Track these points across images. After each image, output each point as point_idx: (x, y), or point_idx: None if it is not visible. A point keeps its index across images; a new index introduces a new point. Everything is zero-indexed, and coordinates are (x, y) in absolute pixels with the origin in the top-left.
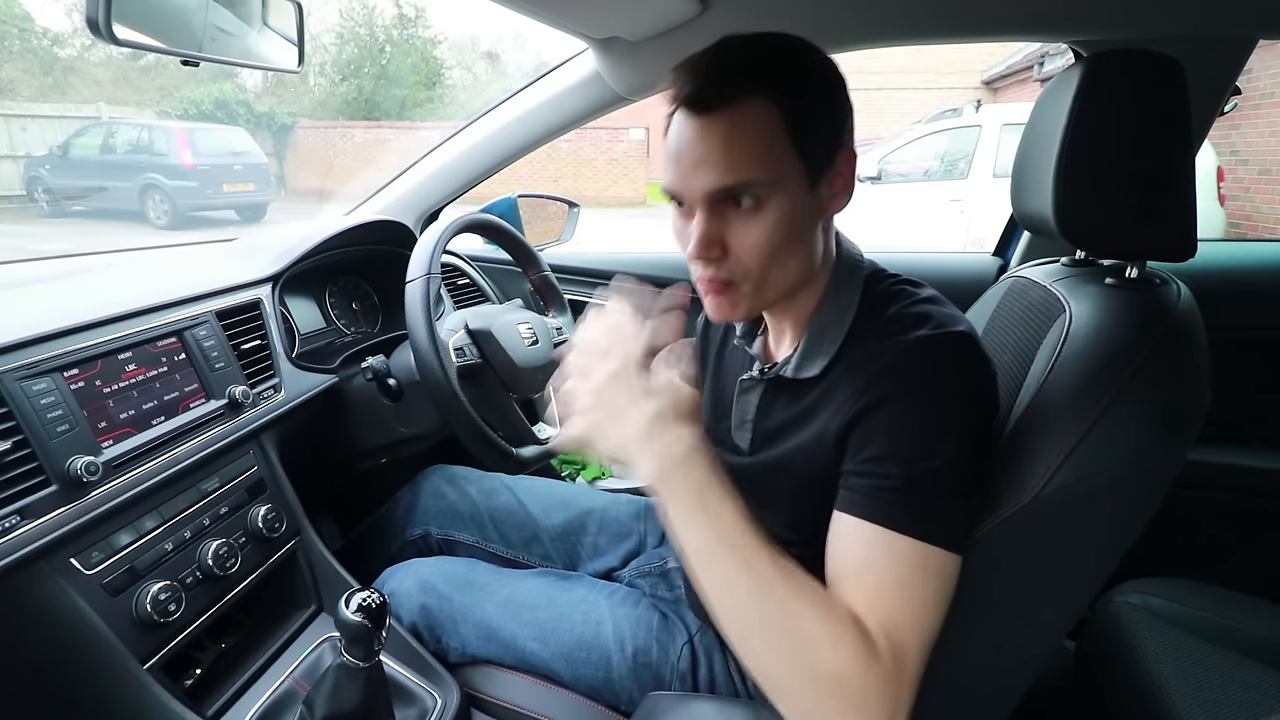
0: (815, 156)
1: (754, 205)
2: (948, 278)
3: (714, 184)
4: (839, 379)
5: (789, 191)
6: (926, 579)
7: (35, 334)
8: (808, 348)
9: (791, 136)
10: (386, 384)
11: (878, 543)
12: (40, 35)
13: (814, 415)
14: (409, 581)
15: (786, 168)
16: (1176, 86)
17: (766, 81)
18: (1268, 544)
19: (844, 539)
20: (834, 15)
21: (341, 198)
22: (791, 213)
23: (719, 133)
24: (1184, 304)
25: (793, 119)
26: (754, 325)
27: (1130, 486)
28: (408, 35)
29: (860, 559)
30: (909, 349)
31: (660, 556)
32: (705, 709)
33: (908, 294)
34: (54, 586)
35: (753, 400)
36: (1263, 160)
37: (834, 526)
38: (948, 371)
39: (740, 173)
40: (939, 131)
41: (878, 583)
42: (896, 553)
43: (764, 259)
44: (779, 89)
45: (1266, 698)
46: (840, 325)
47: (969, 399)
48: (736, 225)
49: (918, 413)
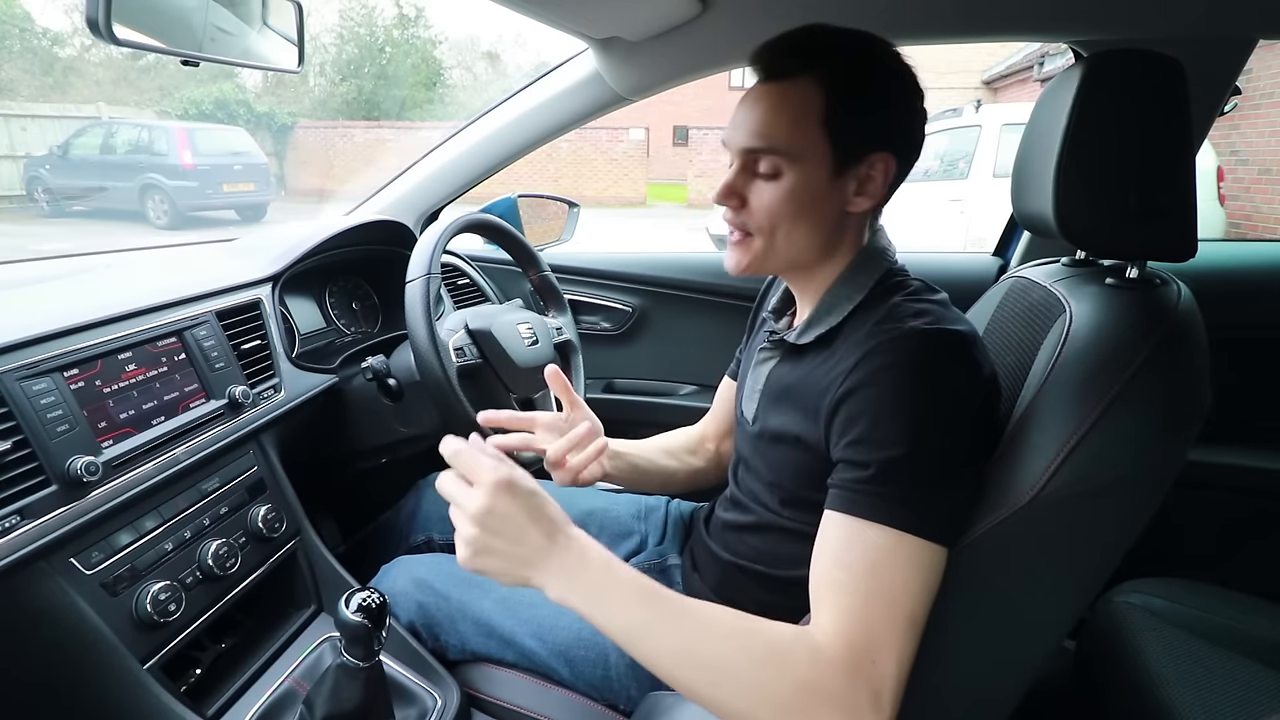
0: (844, 147)
1: (771, 171)
2: (948, 278)
3: (743, 143)
4: (835, 353)
5: (808, 170)
6: (896, 566)
7: (35, 334)
8: (813, 317)
9: (826, 121)
10: (386, 384)
11: (850, 534)
12: (40, 35)
13: (810, 382)
14: (404, 580)
15: (813, 148)
16: (1176, 86)
17: (822, 67)
18: (1267, 544)
19: (824, 535)
20: (833, 16)
21: (341, 198)
22: (804, 189)
23: (767, 101)
24: (1184, 304)
25: (833, 106)
26: (785, 304)
27: (1131, 486)
28: (408, 35)
29: (834, 553)
30: (900, 337)
31: (660, 554)
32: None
33: (916, 291)
34: (54, 586)
35: (764, 370)
36: (1263, 160)
37: (820, 531)
38: (933, 364)
39: (767, 138)
40: (939, 131)
41: (848, 574)
42: (865, 542)
43: (771, 220)
44: (831, 77)
45: (1266, 697)
46: (848, 301)
47: (953, 394)
48: (758, 184)
49: (895, 398)
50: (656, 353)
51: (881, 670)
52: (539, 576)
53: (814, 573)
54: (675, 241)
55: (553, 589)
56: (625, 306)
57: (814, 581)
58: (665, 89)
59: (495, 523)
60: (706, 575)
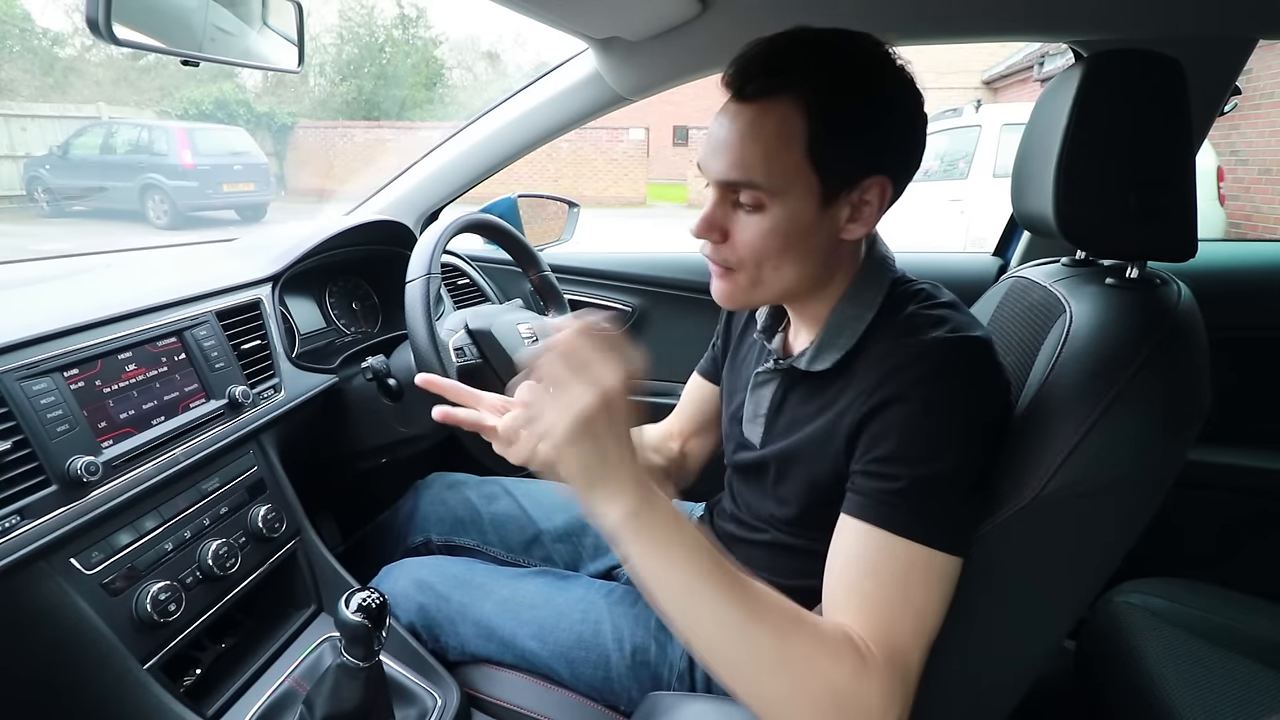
0: (833, 175)
1: (754, 205)
2: (948, 278)
3: (720, 175)
4: (854, 374)
5: (792, 203)
6: (928, 582)
7: (35, 334)
8: (824, 341)
9: (810, 148)
10: (386, 384)
11: (880, 546)
12: (40, 35)
13: (827, 409)
14: (405, 581)
15: (797, 180)
16: (1176, 86)
17: (802, 85)
18: (1267, 544)
19: (847, 542)
20: (833, 16)
21: (341, 198)
22: (791, 223)
23: (741, 124)
24: (1184, 304)
25: (816, 131)
26: (775, 320)
27: (1131, 486)
28: (408, 35)
29: (861, 562)
30: (924, 349)
31: None
32: (705, 709)
33: (928, 297)
34: (54, 586)
35: (767, 394)
36: (1263, 160)
37: (838, 530)
38: (961, 375)
39: (745, 171)
40: (939, 131)
41: (878, 586)
42: (898, 556)
43: (756, 257)
44: (813, 97)
45: (1266, 697)
46: (859, 321)
47: (980, 404)
48: (740, 216)
49: (927, 414)
50: (656, 353)
51: (904, 682)
52: (613, 492)
53: (837, 579)
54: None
55: (618, 511)
56: (625, 306)
57: (837, 588)
58: (665, 89)
59: (602, 423)
60: None
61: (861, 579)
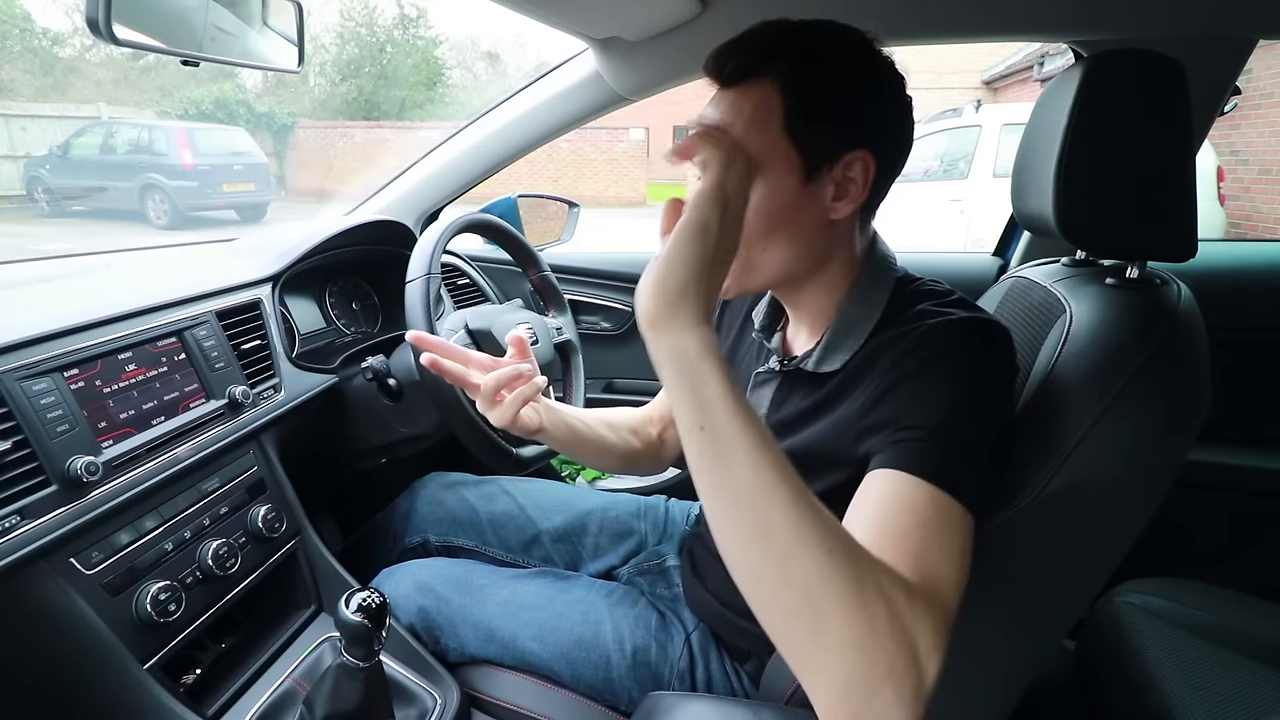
0: (813, 149)
1: None
2: (948, 278)
3: None
4: (862, 369)
5: (774, 178)
6: (952, 529)
7: (35, 334)
8: (831, 342)
9: (787, 121)
10: (386, 384)
11: (908, 489)
12: (40, 35)
13: (834, 404)
14: (405, 583)
15: (776, 154)
16: (1176, 86)
17: (779, 65)
18: (1268, 544)
19: (872, 493)
20: (833, 16)
21: (341, 198)
22: (774, 200)
23: (723, 107)
24: (1184, 304)
25: (793, 105)
26: (774, 319)
27: (1131, 486)
28: (409, 35)
29: (889, 506)
30: (934, 327)
31: (659, 554)
32: (705, 709)
33: (937, 294)
34: (54, 586)
35: (767, 394)
36: (1263, 160)
37: (861, 490)
38: (974, 348)
39: None
40: (939, 131)
41: (912, 526)
42: (926, 499)
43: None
44: (790, 75)
45: (1266, 698)
46: (867, 321)
47: (995, 379)
48: None
49: (941, 384)
50: None
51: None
52: (702, 310)
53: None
54: None
55: (706, 330)
56: (625, 306)
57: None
58: (665, 89)
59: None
60: (708, 578)
61: (894, 517)
